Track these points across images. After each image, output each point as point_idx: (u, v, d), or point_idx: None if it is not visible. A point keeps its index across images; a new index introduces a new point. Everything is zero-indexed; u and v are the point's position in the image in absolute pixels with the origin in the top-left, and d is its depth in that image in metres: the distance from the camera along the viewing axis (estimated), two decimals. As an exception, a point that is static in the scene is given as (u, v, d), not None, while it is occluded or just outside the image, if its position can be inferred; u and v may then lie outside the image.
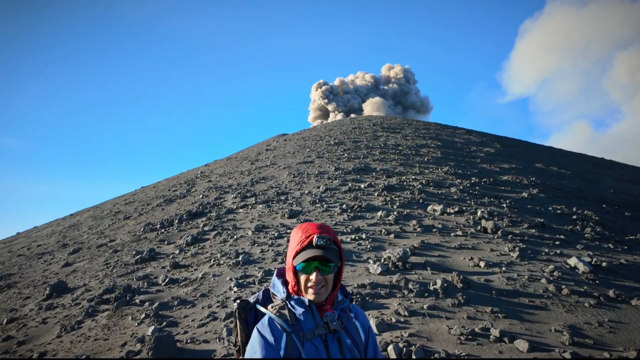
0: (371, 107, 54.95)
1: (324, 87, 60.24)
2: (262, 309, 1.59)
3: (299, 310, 1.53)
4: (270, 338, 1.47)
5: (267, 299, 1.67)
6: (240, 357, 1.60)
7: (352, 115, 48.58)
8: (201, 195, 13.82)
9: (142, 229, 11.04)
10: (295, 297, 1.58)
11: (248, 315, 1.63)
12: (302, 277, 1.57)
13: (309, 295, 1.55)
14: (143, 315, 5.34)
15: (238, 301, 1.64)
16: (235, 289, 5.79)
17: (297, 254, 1.58)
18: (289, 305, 1.56)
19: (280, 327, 1.50)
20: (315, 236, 1.56)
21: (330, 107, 58.62)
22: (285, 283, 1.65)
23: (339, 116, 54.40)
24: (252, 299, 1.67)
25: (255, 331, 1.51)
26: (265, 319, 1.54)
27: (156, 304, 5.65)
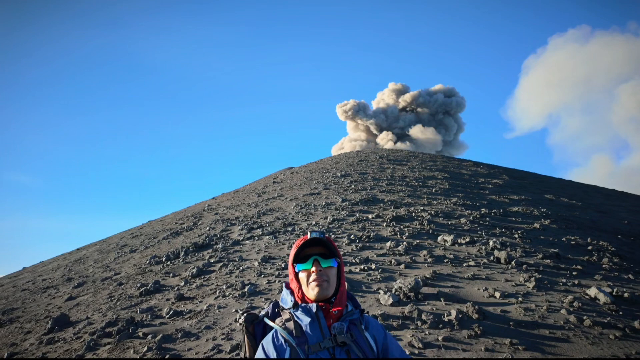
0: (424, 135, 49.82)
1: (370, 121, 53.98)
2: (269, 322, 1.54)
3: (305, 321, 1.47)
4: (273, 354, 1.41)
5: (276, 312, 1.61)
6: None
7: (401, 145, 45.58)
8: (208, 228, 13.75)
9: (147, 262, 10.91)
10: (302, 305, 1.53)
11: (256, 329, 1.57)
12: (303, 276, 1.55)
13: (313, 291, 1.51)
14: (145, 349, 5.14)
15: (245, 315, 1.59)
16: (241, 320, 5.60)
17: (295, 256, 1.58)
18: (295, 317, 1.51)
19: (284, 341, 1.44)
20: (309, 232, 1.59)
21: (373, 129, 52.31)
22: (292, 293, 1.60)
23: (384, 139, 48.86)
24: (261, 313, 1.61)
25: (260, 347, 1.46)
26: (270, 334, 1.49)
27: (159, 336, 5.46)
